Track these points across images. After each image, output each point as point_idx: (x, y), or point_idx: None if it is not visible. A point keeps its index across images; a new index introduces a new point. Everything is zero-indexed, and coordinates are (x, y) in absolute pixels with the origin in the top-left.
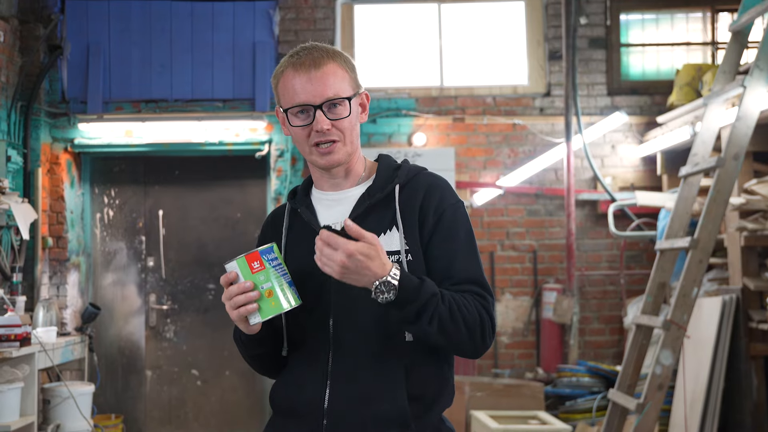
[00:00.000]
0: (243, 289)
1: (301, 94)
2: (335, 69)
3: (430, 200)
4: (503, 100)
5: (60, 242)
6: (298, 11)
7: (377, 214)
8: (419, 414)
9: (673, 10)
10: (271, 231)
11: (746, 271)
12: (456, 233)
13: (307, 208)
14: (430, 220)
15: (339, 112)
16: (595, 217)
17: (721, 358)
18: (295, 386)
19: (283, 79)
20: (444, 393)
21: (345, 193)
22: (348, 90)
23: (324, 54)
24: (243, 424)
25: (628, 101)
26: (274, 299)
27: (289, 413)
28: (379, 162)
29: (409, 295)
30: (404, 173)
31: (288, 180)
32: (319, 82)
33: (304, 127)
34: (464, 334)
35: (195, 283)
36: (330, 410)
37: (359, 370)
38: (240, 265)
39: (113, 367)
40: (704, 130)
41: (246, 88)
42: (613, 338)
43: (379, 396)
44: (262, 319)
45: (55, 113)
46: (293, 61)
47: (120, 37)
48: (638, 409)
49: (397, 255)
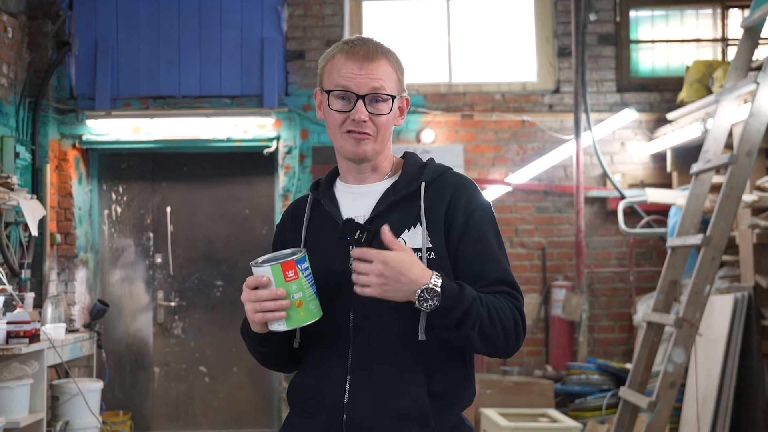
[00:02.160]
0: (275, 296)
1: (348, 79)
2: (386, 66)
3: (458, 201)
4: (512, 96)
5: (68, 239)
6: (307, 7)
7: (401, 211)
8: (439, 411)
9: (682, 6)
10: (291, 222)
11: (758, 268)
12: (486, 234)
13: (330, 200)
14: (459, 220)
15: (380, 107)
16: (605, 214)
17: (733, 356)
18: (315, 381)
19: (333, 62)
20: (465, 391)
21: (370, 186)
22: (393, 89)
23: (379, 49)
24: (251, 421)
25: (638, 98)
26: (303, 310)
27: (307, 408)
28: (405, 159)
29: (454, 300)
30: (430, 171)
31: (296, 177)
32: (368, 74)
33: (341, 113)
34: (501, 336)
35: (203, 279)
36: (350, 405)
37: (380, 366)
38: (274, 271)
39: (121, 363)
40: (716, 126)
41: (254, 84)
42: (622, 335)
43: (400, 392)
44: (288, 328)
45: (63, 109)
46: (347, 48)
47: (128, 33)
48: (650, 407)
49: (419, 253)
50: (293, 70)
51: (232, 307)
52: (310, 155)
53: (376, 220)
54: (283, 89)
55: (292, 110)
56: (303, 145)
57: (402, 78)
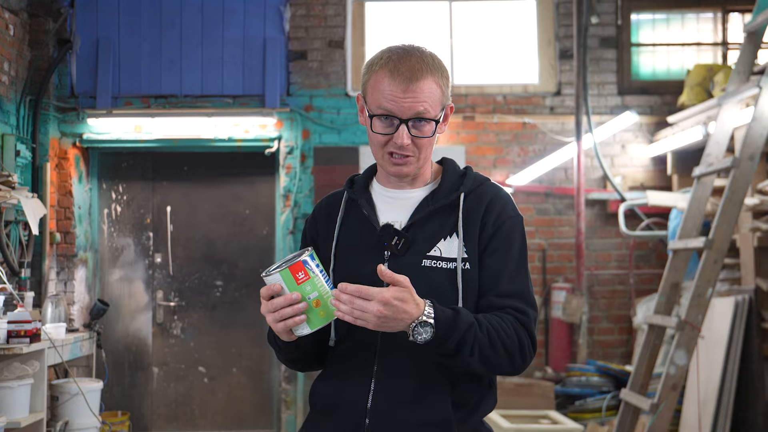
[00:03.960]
0: (290, 302)
1: (391, 101)
2: (431, 85)
3: (491, 211)
4: (514, 98)
5: (67, 238)
6: (309, 8)
7: (439, 220)
8: (462, 419)
9: (683, 10)
10: (324, 218)
11: (759, 271)
12: (511, 245)
13: (367, 201)
14: (489, 230)
15: (423, 130)
16: (605, 216)
17: (733, 359)
18: (339, 384)
19: (376, 78)
20: (487, 398)
21: (408, 192)
22: (437, 108)
23: (423, 66)
24: (250, 422)
25: (639, 101)
26: (323, 308)
27: (329, 411)
28: (444, 167)
29: (447, 330)
30: (470, 182)
31: (297, 177)
32: (412, 97)
33: (384, 135)
34: (504, 358)
35: (203, 279)
36: (373, 410)
37: (404, 372)
38: (284, 277)
39: (120, 363)
40: (718, 130)
41: (256, 84)
42: (622, 338)
43: (423, 399)
44: (312, 330)
45: (64, 108)
46: (392, 66)
47: (130, 32)
48: (652, 409)
49: (454, 262)
50: (295, 71)
51: (232, 307)
52: (311, 156)
53: (414, 228)
54: (285, 89)
55: (293, 110)
56: (304, 145)
57: (447, 90)
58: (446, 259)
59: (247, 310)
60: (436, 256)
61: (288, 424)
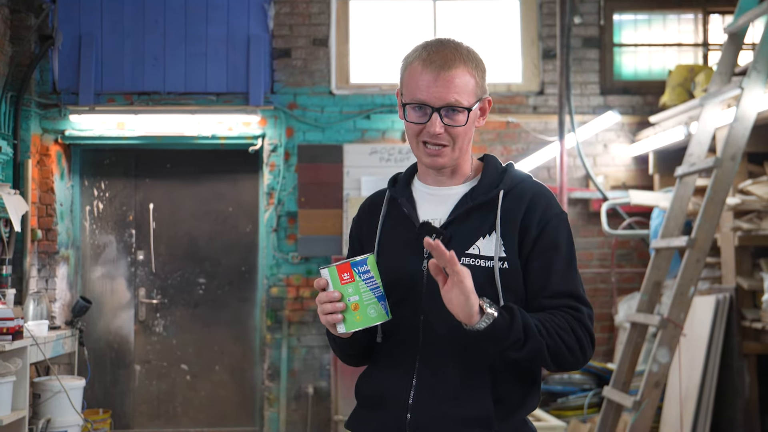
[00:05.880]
0: (330, 298)
1: (423, 91)
2: (464, 74)
3: (535, 210)
4: (497, 97)
5: (49, 235)
6: (293, 5)
7: (478, 217)
8: (503, 417)
9: (665, 11)
10: (368, 217)
11: (740, 270)
12: (558, 245)
13: (407, 199)
14: (534, 230)
15: (456, 119)
16: (587, 215)
17: (714, 356)
18: (382, 378)
19: (411, 69)
20: (530, 397)
21: (448, 189)
22: (471, 97)
23: (457, 55)
24: (232, 419)
25: (621, 101)
26: (360, 313)
27: (373, 405)
28: (485, 163)
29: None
30: (510, 179)
31: (281, 175)
32: (444, 85)
33: (417, 124)
34: (565, 351)
35: (185, 277)
36: (414, 405)
37: (446, 369)
38: (331, 273)
39: (101, 361)
40: (700, 130)
41: (240, 81)
42: (603, 336)
43: (465, 396)
44: (346, 331)
45: (46, 104)
46: (425, 55)
47: (112, 28)
48: (635, 406)
49: (491, 261)
50: (279, 68)
51: (215, 305)
52: (295, 153)
53: (453, 225)
54: (269, 87)
55: (277, 108)
56: (288, 143)
57: (482, 82)
58: (484, 258)
59: (230, 308)
60: (475, 254)
61: (270, 422)
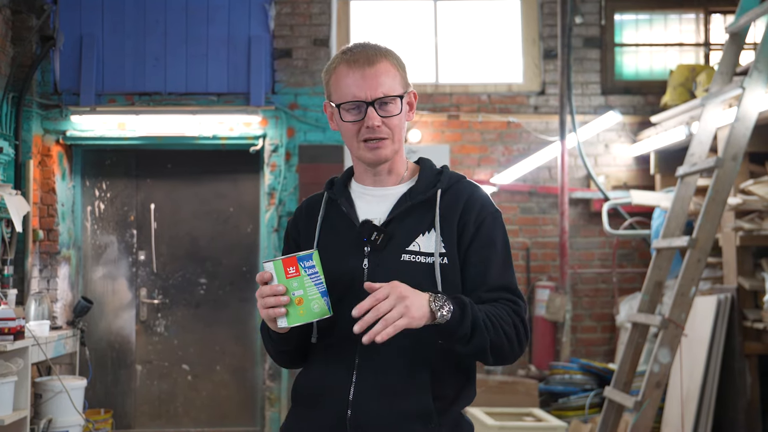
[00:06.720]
0: (274, 292)
1: (354, 90)
2: (388, 67)
3: (472, 208)
4: (498, 97)
5: (51, 235)
6: (294, 6)
7: (417, 216)
8: (442, 410)
9: (666, 10)
10: (305, 219)
11: (741, 270)
12: (494, 241)
13: (346, 200)
14: (471, 227)
15: (390, 109)
16: (588, 215)
17: (715, 357)
18: (321, 376)
19: (336, 75)
20: (466, 390)
21: (386, 190)
22: (399, 88)
23: (377, 52)
24: (233, 420)
25: (622, 101)
26: (304, 308)
27: (312, 403)
28: (421, 165)
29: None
30: (446, 179)
31: (282, 175)
32: (372, 80)
33: (354, 123)
34: (505, 343)
35: (186, 277)
36: (355, 402)
37: (386, 365)
38: (276, 267)
39: (103, 361)
40: (701, 130)
41: (241, 82)
42: (604, 336)
43: (405, 392)
44: (288, 325)
45: (47, 105)
46: (347, 57)
47: (113, 28)
48: (636, 406)
49: (432, 257)
50: (280, 69)
51: (216, 305)
52: (296, 153)
53: (393, 223)
54: (270, 87)
55: (278, 108)
56: (289, 143)
57: (405, 75)
58: (425, 254)
59: (231, 308)
60: (415, 251)
61: (272, 422)
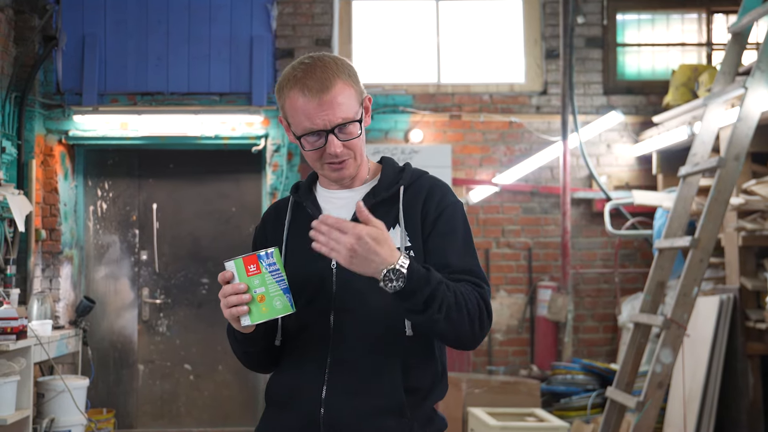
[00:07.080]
0: (236, 290)
1: (312, 119)
2: (342, 87)
3: (432, 199)
4: (500, 97)
5: (53, 235)
6: (296, 6)
7: (381, 213)
8: (414, 405)
9: (668, 10)
10: (272, 223)
11: (744, 270)
12: (455, 228)
13: (312, 203)
14: (431, 216)
15: (350, 131)
16: (590, 215)
17: (718, 357)
18: (293, 377)
19: (290, 101)
20: (438, 386)
21: (350, 192)
22: (356, 106)
23: (329, 73)
24: (236, 419)
25: (624, 101)
26: (266, 305)
27: (284, 404)
28: (383, 164)
29: (419, 282)
30: (408, 175)
31: (284, 175)
32: (329, 107)
33: (316, 150)
34: (467, 322)
35: (189, 277)
36: (327, 400)
37: (358, 363)
38: (237, 265)
39: (105, 361)
40: (704, 130)
41: (243, 82)
42: (606, 336)
43: (377, 388)
44: (252, 323)
45: (50, 105)
46: (300, 84)
47: (116, 28)
48: (638, 407)
49: None
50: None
51: (218, 305)
52: (298, 153)
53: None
54: (272, 87)
55: None
56: (291, 143)
57: (358, 85)
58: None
59: None
60: None
61: None
